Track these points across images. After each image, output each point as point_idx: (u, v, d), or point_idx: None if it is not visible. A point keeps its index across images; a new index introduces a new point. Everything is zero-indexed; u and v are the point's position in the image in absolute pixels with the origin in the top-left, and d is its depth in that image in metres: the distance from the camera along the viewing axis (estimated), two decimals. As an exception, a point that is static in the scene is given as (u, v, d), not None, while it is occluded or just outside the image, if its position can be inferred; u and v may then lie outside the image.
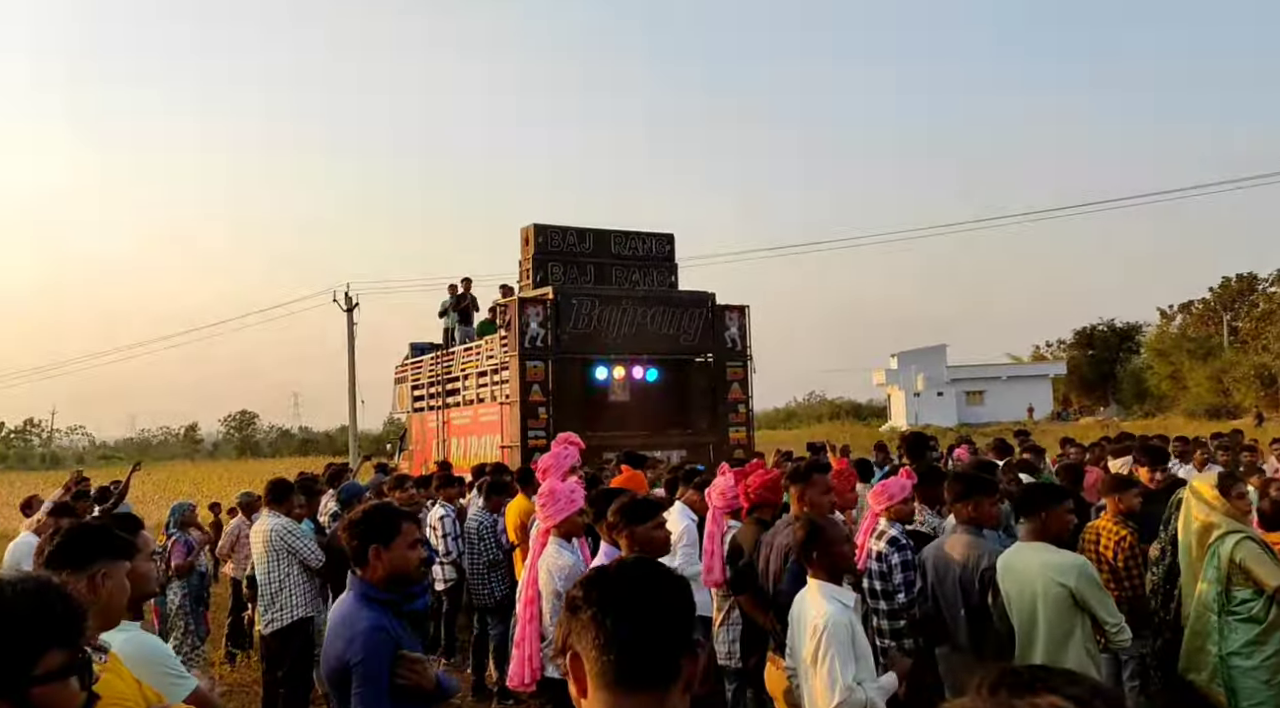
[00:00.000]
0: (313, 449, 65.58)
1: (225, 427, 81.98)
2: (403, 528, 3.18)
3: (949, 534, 4.43)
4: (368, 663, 2.90)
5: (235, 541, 9.62)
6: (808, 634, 3.48)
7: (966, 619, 4.20)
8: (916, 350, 58.55)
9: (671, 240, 15.91)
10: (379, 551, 3.07)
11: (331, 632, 3.08)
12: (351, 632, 2.96)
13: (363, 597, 3.05)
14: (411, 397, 17.80)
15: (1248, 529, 4.41)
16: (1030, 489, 4.28)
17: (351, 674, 2.91)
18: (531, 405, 13.18)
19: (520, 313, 13.31)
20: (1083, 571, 3.93)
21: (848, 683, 3.32)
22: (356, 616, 3.00)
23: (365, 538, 3.08)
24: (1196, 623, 4.47)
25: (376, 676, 2.90)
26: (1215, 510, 4.37)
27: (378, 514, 3.18)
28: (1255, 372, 47.01)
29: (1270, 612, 4.26)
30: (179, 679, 2.84)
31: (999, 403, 55.52)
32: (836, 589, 3.53)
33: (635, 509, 3.95)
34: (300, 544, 6.28)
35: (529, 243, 15.11)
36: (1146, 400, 55.00)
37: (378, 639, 2.94)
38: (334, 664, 3.00)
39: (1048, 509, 4.04)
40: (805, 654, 3.50)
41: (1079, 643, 3.92)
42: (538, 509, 4.72)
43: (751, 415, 14.89)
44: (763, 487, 5.15)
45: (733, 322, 14.71)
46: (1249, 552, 4.30)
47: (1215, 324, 58.50)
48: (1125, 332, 64.46)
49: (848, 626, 3.42)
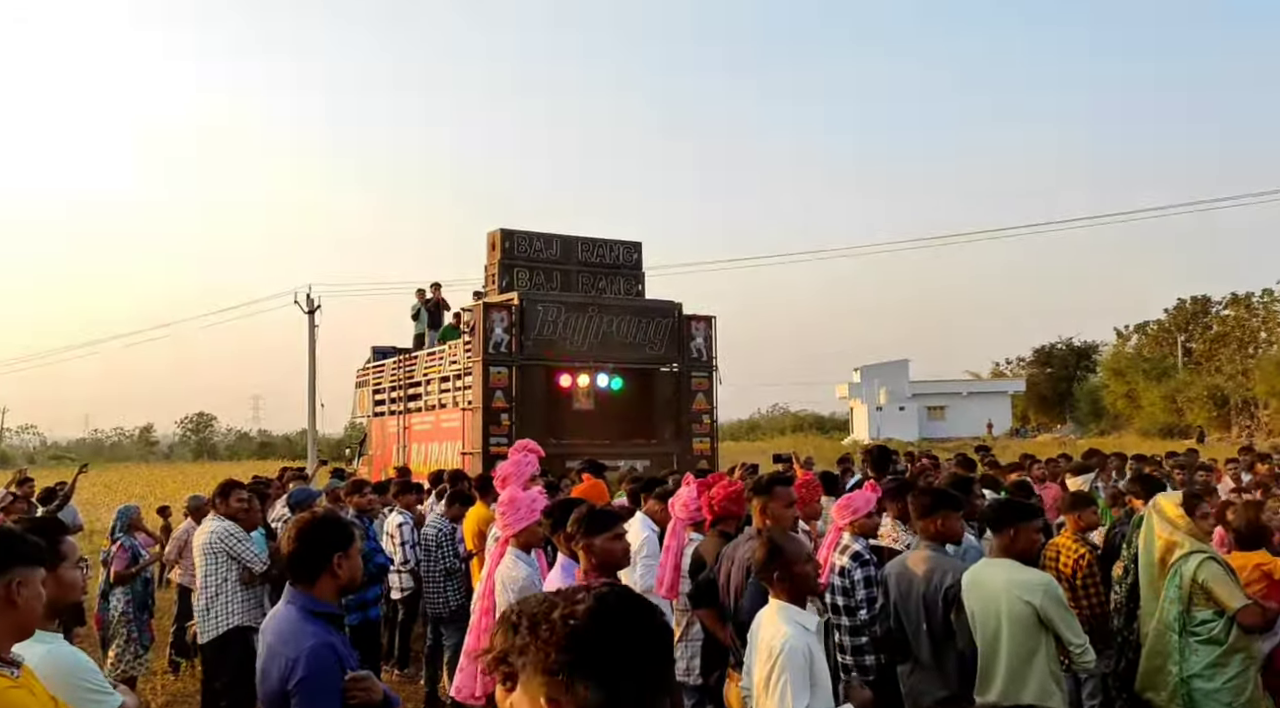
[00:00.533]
0: (271, 453, 64.57)
1: (182, 429, 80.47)
2: (355, 538, 3.07)
3: (912, 550, 4.37)
4: (316, 683, 2.71)
5: (183, 546, 9.33)
6: (764, 657, 3.31)
7: (929, 637, 4.13)
8: (879, 365, 59.06)
9: (639, 248, 15.84)
10: (341, 560, 2.88)
11: (270, 650, 2.86)
12: (296, 650, 2.75)
13: (304, 611, 2.85)
14: (372, 401, 17.56)
15: (1211, 550, 4.40)
16: (1001, 505, 4.22)
17: (294, 694, 2.72)
18: (494, 412, 13.02)
19: (485, 318, 13.15)
20: (1049, 589, 3.89)
21: None
22: (300, 632, 2.79)
23: (325, 546, 2.88)
24: (1156, 643, 4.43)
25: (326, 693, 2.72)
26: (1179, 530, 4.34)
27: (330, 524, 2.98)
28: (1208, 392, 47.91)
29: (1231, 633, 4.24)
30: (100, 697, 2.67)
31: (959, 418, 56.11)
32: (798, 612, 3.38)
33: (594, 520, 3.84)
34: (241, 548, 6.02)
35: (495, 248, 14.97)
36: (1102, 419, 55.85)
37: (325, 657, 2.75)
38: (274, 686, 2.79)
39: (1017, 526, 3.99)
40: (758, 678, 3.35)
41: (1043, 662, 3.86)
42: (497, 518, 4.60)
43: (716, 427, 14.83)
44: (726, 499, 5.05)
45: (699, 331, 14.64)
46: (1211, 573, 4.28)
47: (1170, 345, 59.58)
48: (1083, 351, 65.52)
49: (805, 652, 3.25)
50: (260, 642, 3.06)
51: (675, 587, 5.14)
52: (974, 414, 55.76)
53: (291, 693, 2.72)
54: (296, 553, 2.90)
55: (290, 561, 2.92)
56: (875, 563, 4.74)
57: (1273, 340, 52.50)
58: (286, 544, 2.94)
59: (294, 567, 2.92)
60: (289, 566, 2.94)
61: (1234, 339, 54.82)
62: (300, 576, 2.91)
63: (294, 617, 2.86)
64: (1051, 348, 66.36)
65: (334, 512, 3.27)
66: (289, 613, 2.89)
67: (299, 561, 2.90)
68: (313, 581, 2.90)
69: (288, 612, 2.90)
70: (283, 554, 2.95)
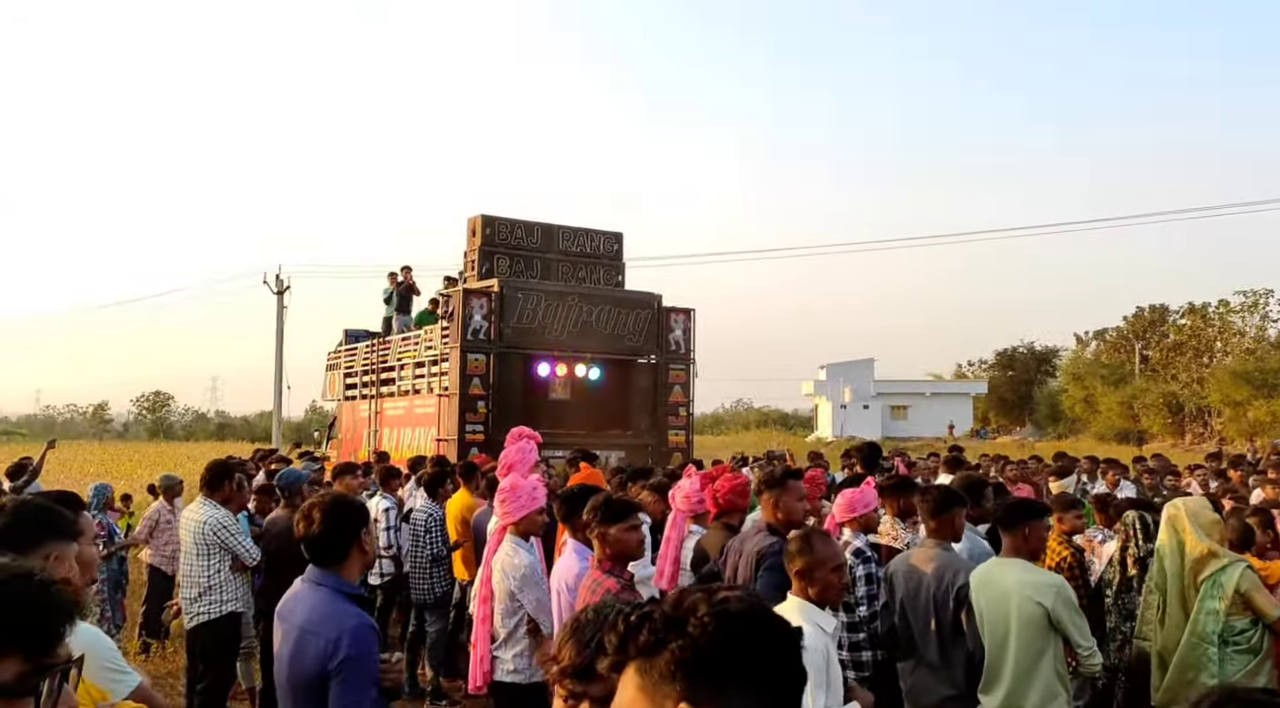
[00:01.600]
0: (230, 434, 63.67)
1: (137, 407, 79.00)
2: (369, 519, 3.09)
3: (919, 548, 4.38)
4: (361, 662, 2.71)
5: (154, 526, 9.16)
6: None
7: (937, 636, 4.15)
8: (845, 363, 59.50)
9: (620, 239, 15.80)
10: (366, 539, 2.90)
11: (300, 632, 2.81)
12: (336, 630, 2.73)
13: (336, 592, 2.84)
14: (343, 384, 17.35)
15: (1246, 560, 4.41)
16: (1013, 504, 4.25)
17: (335, 675, 2.69)
18: (471, 399, 12.92)
19: (464, 304, 13.03)
20: (1061, 591, 3.91)
21: None
22: (340, 612, 2.78)
23: (349, 529, 2.87)
24: (1189, 655, 4.38)
25: (368, 674, 2.72)
26: (1212, 538, 4.35)
27: (354, 504, 2.98)
28: (1163, 399, 48.89)
29: (1265, 642, 4.27)
30: (121, 675, 2.62)
31: (922, 418, 56.75)
32: (818, 612, 3.35)
33: (610, 509, 3.81)
34: (235, 542, 5.92)
35: (476, 234, 14.85)
36: (1060, 422, 56.79)
37: (369, 638, 2.76)
38: (310, 668, 2.74)
39: (1030, 525, 4.01)
40: None
41: (1049, 664, 3.89)
42: (497, 505, 4.55)
43: (692, 419, 14.85)
44: (731, 492, 5.05)
45: (678, 324, 14.64)
46: (1252, 582, 4.30)
47: (1127, 352, 60.68)
48: (1044, 355, 66.57)
49: (824, 652, 3.24)
50: (276, 625, 3.01)
51: (674, 579, 5.12)
52: (936, 415, 56.42)
53: (333, 674, 2.70)
54: (325, 534, 2.87)
55: (318, 541, 2.89)
56: (877, 560, 4.76)
57: (1227, 350, 53.67)
58: (310, 526, 2.90)
59: (322, 548, 2.89)
60: (316, 547, 2.90)
61: (1190, 348, 55.93)
62: (328, 556, 2.89)
63: (327, 598, 2.84)
64: (1013, 351, 67.34)
65: (347, 496, 3.20)
66: (321, 594, 2.86)
67: (328, 541, 2.88)
68: (341, 561, 2.89)
69: (318, 593, 2.87)
70: (308, 536, 2.89)
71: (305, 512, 2.97)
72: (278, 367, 26.97)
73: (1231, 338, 54.51)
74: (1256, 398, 41.22)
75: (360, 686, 2.72)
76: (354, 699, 2.70)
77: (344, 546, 2.88)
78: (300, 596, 2.94)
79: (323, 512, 2.89)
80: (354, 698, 2.70)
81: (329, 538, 2.87)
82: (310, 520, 2.91)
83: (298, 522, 2.99)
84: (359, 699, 2.71)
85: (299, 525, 2.97)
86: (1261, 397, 40.88)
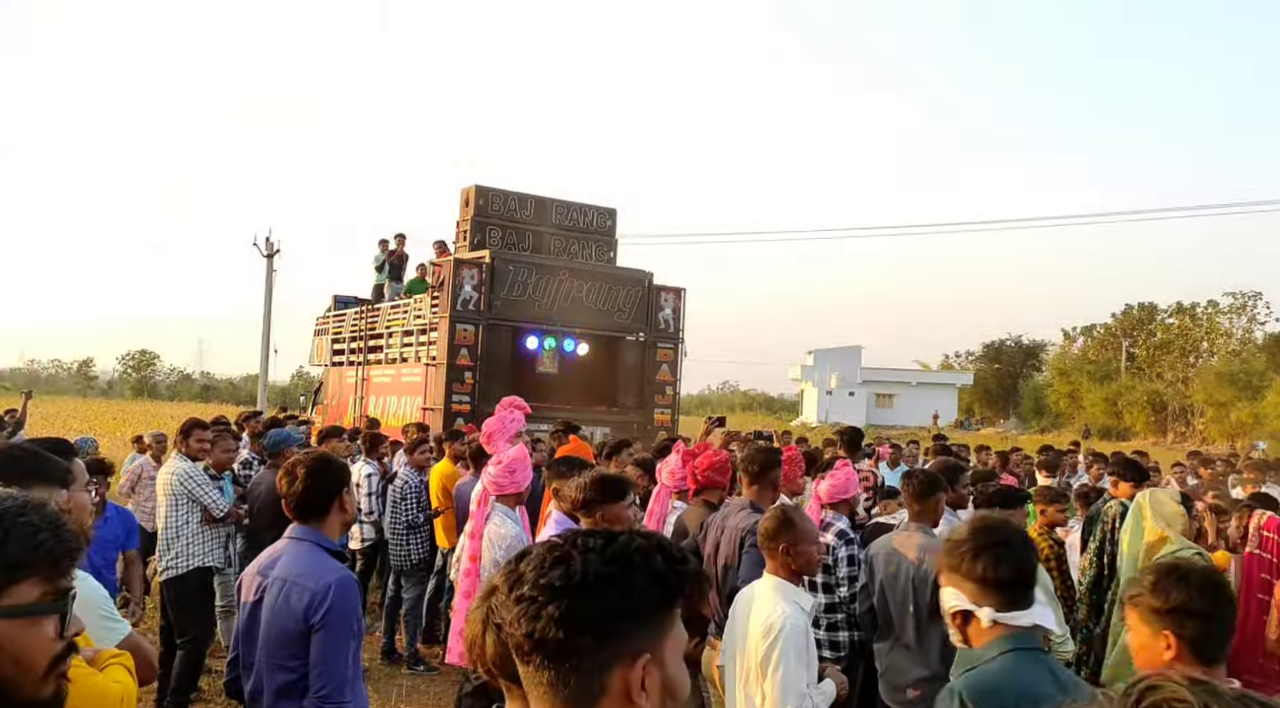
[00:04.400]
0: (214, 396, 63.53)
1: (123, 365, 78.62)
2: (349, 479, 3.13)
3: (900, 531, 4.41)
4: (344, 614, 2.78)
5: (137, 480, 9.16)
6: (759, 634, 3.28)
7: (914, 618, 4.18)
8: (833, 349, 59.67)
9: (613, 215, 15.73)
10: (346, 497, 2.96)
11: (283, 585, 2.86)
12: (319, 583, 2.80)
13: (318, 547, 2.91)
14: (331, 350, 17.29)
15: (1199, 547, 4.49)
16: (991, 491, 4.28)
17: (319, 626, 2.75)
18: (458, 369, 12.91)
19: (455, 274, 12.99)
20: (1037, 578, 3.94)
21: (802, 690, 3.16)
22: (323, 566, 2.86)
23: (331, 487, 2.94)
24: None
25: (350, 627, 2.80)
26: (1173, 527, 4.43)
27: (336, 463, 3.03)
28: (1148, 397, 49.28)
29: None
30: (113, 623, 2.62)
31: (907, 407, 57.01)
32: (796, 590, 3.38)
33: (606, 486, 3.82)
34: (201, 492, 5.94)
35: (469, 204, 14.76)
36: (1044, 416, 57.17)
37: (352, 591, 2.84)
38: (291, 620, 2.79)
39: (1006, 514, 4.05)
40: (755, 656, 3.30)
41: (1023, 648, 3.92)
42: (494, 475, 4.55)
43: (678, 398, 14.87)
44: (711, 468, 5.05)
45: (668, 303, 14.64)
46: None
47: (1114, 349, 61.03)
48: (1030, 349, 66.90)
49: (805, 630, 3.26)
50: (253, 581, 3.01)
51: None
52: (921, 404, 56.69)
53: (316, 626, 2.76)
54: (309, 491, 2.93)
55: (302, 498, 2.94)
56: (858, 542, 4.80)
57: (1213, 351, 54.07)
58: (294, 482, 2.95)
59: (306, 505, 2.95)
60: (298, 503, 2.95)
61: (1176, 347, 56.34)
62: (311, 513, 2.95)
63: (309, 552, 2.91)
64: (1001, 344, 67.67)
65: (330, 455, 3.22)
66: (302, 549, 2.92)
67: (312, 498, 2.94)
68: (322, 517, 2.95)
69: (300, 548, 2.93)
70: (291, 492, 2.92)
71: (288, 469, 3.00)
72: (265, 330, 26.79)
73: (1218, 339, 54.91)
74: (1240, 400, 41.58)
75: (342, 637, 2.78)
76: (336, 650, 2.75)
77: (325, 502, 2.95)
78: (282, 550, 2.98)
79: (306, 469, 2.95)
80: (336, 649, 2.75)
81: (311, 494, 2.93)
82: (294, 477, 2.96)
83: (280, 478, 3.02)
84: (340, 651, 2.76)
85: (282, 482, 3.00)
86: (1245, 398, 41.23)
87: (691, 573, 1.22)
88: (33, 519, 1.47)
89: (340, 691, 2.76)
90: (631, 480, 4.00)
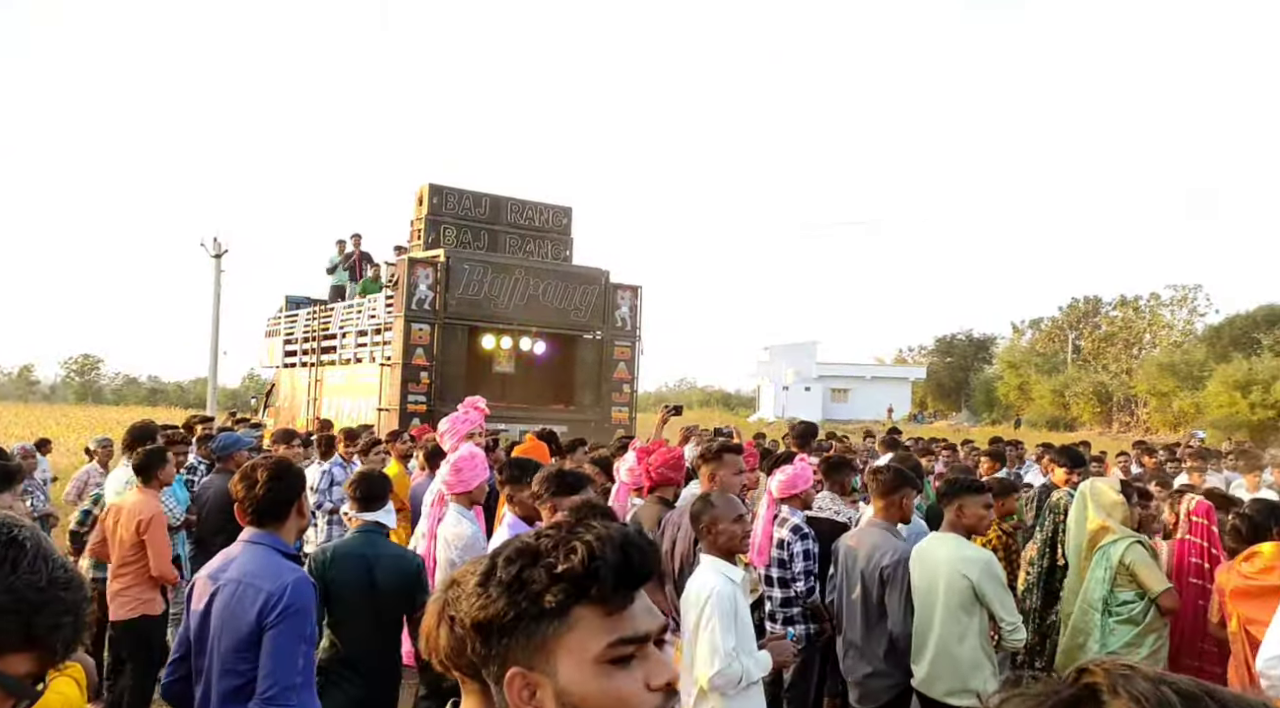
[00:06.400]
0: (162, 400, 62.26)
1: (65, 369, 76.72)
2: (306, 484, 3.12)
3: (860, 527, 4.48)
4: (300, 615, 2.78)
5: (83, 488, 8.96)
6: (691, 604, 3.51)
7: (863, 614, 4.26)
8: (788, 345, 60.12)
9: (569, 213, 15.72)
10: (303, 503, 2.97)
11: (239, 587, 2.84)
12: (277, 584, 2.80)
13: (275, 550, 2.91)
14: (283, 351, 17.05)
15: (1139, 535, 4.63)
16: (952, 481, 4.36)
17: (273, 626, 2.75)
18: (414, 369, 12.81)
19: (409, 273, 12.88)
20: (987, 566, 4.04)
21: (728, 651, 3.33)
22: (280, 567, 2.86)
23: (291, 492, 2.94)
24: (1080, 620, 4.63)
25: (304, 628, 2.79)
26: (1114, 517, 4.55)
27: (296, 468, 3.04)
28: (1093, 388, 50.34)
29: (1147, 615, 4.48)
30: None
31: (862, 401, 57.66)
32: (725, 565, 3.55)
33: (562, 481, 3.83)
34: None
35: (423, 202, 14.66)
36: (995, 409, 58.14)
37: (308, 592, 2.84)
38: (247, 618, 2.78)
39: (963, 501, 4.13)
40: (689, 625, 3.52)
41: (974, 638, 4.02)
42: (449, 475, 4.53)
43: (635, 396, 14.91)
44: (665, 465, 5.07)
45: (624, 300, 14.66)
46: (1138, 556, 4.50)
47: (1061, 342, 62.23)
48: (981, 343, 67.98)
49: (731, 598, 3.44)
50: (203, 584, 2.97)
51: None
52: (876, 398, 57.35)
53: (271, 625, 2.75)
54: (269, 495, 2.92)
55: (261, 502, 2.93)
56: (813, 537, 4.85)
57: (1156, 342, 55.40)
58: (254, 486, 2.94)
59: (265, 509, 2.94)
60: (258, 507, 2.93)
61: (1120, 339, 57.61)
62: (270, 517, 2.94)
63: (266, 555, 2.90)
64: (953, 338, 68.68)
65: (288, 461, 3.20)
66: (258, 551, 2.91)
67: (271, 502, 2.93)
68: (280, 522, 2.95)
69: (256, 550, 2.92)
70: (249, 497, 2.90)
71: (247, 473, 2.98)
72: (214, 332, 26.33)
73: (1160, 331, 56.26)
74: (1181, 390, 42.64)
75: (296, 638, 2.77)
76: (289, 651, 2.74)
77: (284, 507, 2.95)
78: (236, 554, 2.96)
79: (268, 473, 2.94)
80: (288, 650, 2.74)
81: (272, 499, 2.92)
82: (254, 481, 2.95)
83: (237, 483, 2.99)
84: (293, 651, 2.75)
85: (239, 486, 2.97)
86: (1186, 389, 42.29)
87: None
88: (65, 599, 1.40)
89: (286, 694, 2.73)
90: (586, 476, 4.00)
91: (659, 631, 1.17)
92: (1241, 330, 46.84)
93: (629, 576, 1.13)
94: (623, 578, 1.12)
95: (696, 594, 3.49)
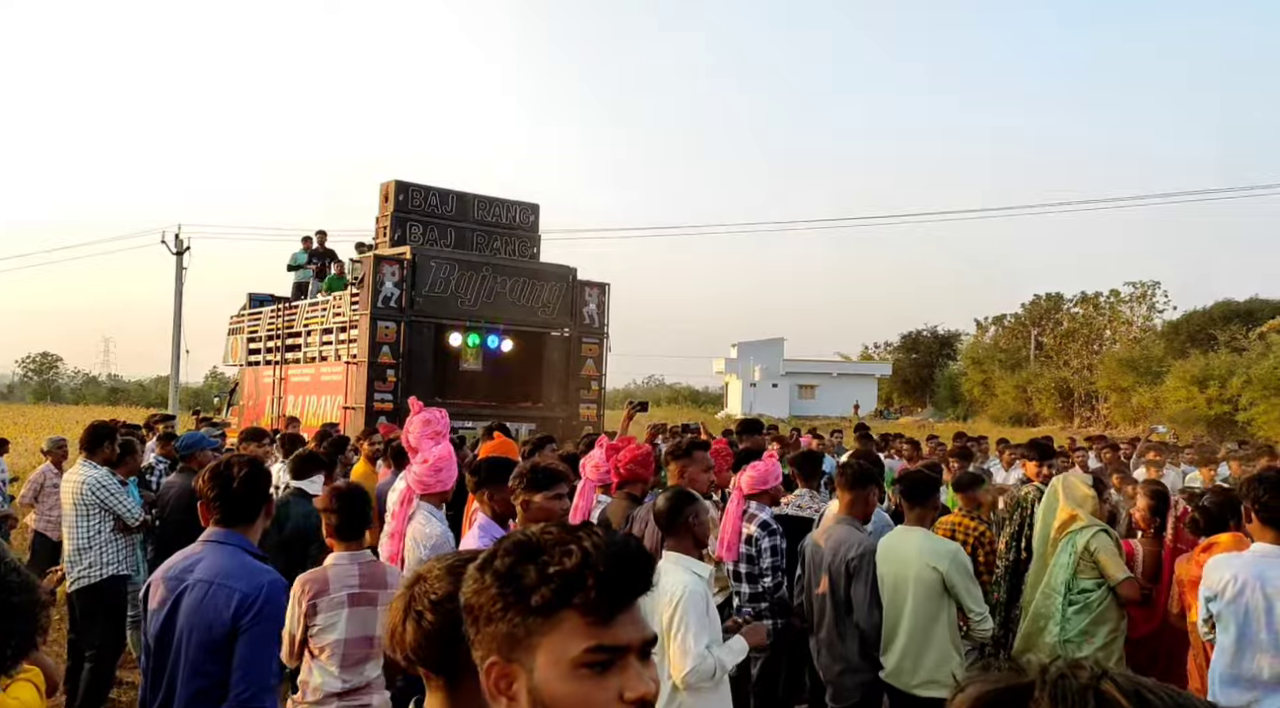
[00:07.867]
0: (123, 399, 61.18)
1: (22, 368, 75.12)
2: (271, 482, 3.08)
3: (828, 523, 4.51)
4: (274, 618, 2.79)
5: (40, 489, 8.78)
6: (664, 603, 3.50)
7: (832, 609, 4.29)
8: (756, 342, 60.38)
9: (536, 211, 15.66)
10: (269, 507, 2.94)
11: (211, 585, 2.79)
12: (251, 586, 2.76)
13: (244, 551, 2.88)
14: (246, 349, 16.83)
15: (1106, 526, 4.70)
16: (916, 477, 4.40)
17: (246, 629, 2.72)
18: (380, 367, 12.71)
19: (375, 271, 12.77)
20: (955, 557, 4.08)
21: (700, 651, 3.37)
22: (252, 568, 2.83)
23: (262, 492, 2.92)
24: (1042, 605, 4.68)
25: (276, 631, 2.81)
26: (1083, 508, 4.61)
27: (266, 469, 3.02)
28: (1055, 384, 51.08)
29: (1102, 604, 4.55)
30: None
31: (829, 398, 58.07)
32: (693, 561, 3.58)
33: (536, 477, 3.81)
34: (115, 501, 5.74)
35: (389, 200, 14.54)
36: (959, 404, 58.81)
37: (282, 595, 2.84)
38: (218, 620, 2.73)
39: (931, 496, 4.17)
40: (662, 623, 3.51)
41: (943, 629, 4.06)
42: (418, 474, 4.48)
43: (604, 394, 14.90)
44: (633, 462, 5.07)
45: (592, 298, 14.64)
46: (1103, 544, 4.56)
47: (1024, 338, 63.03)
48: (946, 339, 68.67)
49: (703, 596, 3.48)
50: (162, 585, 2.90)
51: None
52: (843, 395, 57.78)
53: (245, 627, 2.71)
54: (240, 495, 2.89)
55: (233, 502, 2.90)
56: (781, 533, 4.87)
57: (1116, 339, 56.29)
58: (230, 485, 2.90)
59: (235, 509, 2.91)
60: (229, 506, 2.90)
61: (1081, 335, 58.45)
62: (241, 517, 2.91)
63: (236, 556, 2.86)
64: (917, 335, 69.28)
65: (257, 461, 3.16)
66: (228, 552, 2.86)
67: (242, 503, 2.90)
68: (250, 523, 2.93)
69: (223, 550, 2.87)
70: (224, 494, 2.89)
71: (219, 471, 2.93)
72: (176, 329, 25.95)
73: (1120, 327, 57.17)
74: (1140, 385, 43.35)
75: (269, 641, 2.76)
76: (261, 654, 2.71)
77: (255, 508, 2.93)
78: (200, 554, 2.90)
79: (246, 471, 2.92)
80: (262, 652, 2.72)
81: (244, 499, 2.89)
82: (229, 479, 2.90)
83: (206, 481, 2.94)
84: (265, 655, 2.73)
85: (208, 483, 2.92)
86: (1145, 384, 43.00)
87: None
88: (16, 603, 1.35)
89: (261, 696, 2.70)
90: (560, 472, 3.98)
91: (644, 643, 1.16)
92: (1199, 327, 47.69)
93: (618, 588, 1.13)
94: (612, 589, 1.12)
95: (670, 594, 3.47)
